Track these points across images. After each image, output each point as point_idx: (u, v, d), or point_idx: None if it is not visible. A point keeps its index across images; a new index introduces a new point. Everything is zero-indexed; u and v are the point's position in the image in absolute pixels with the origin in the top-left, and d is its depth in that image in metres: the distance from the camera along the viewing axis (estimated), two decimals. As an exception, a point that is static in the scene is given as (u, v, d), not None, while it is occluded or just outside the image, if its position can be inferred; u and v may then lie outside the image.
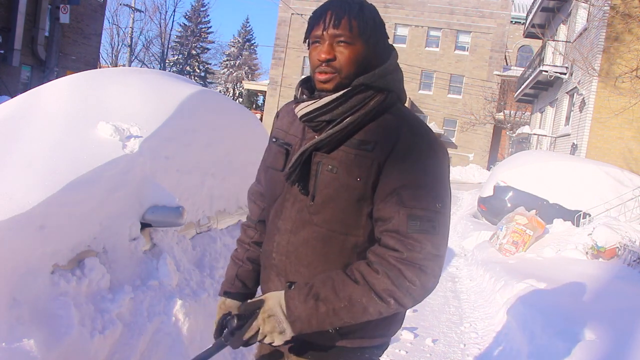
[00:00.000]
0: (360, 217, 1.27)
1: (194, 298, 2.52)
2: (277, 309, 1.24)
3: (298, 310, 1.22)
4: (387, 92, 1.29)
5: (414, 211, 1.20)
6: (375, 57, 1.30)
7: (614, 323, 3.72)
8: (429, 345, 4.04)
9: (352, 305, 1.20)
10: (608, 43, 12.13)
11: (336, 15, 1.26)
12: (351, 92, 1.27)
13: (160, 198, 2.42)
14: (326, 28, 1.26)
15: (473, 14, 31.81)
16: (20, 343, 1.67)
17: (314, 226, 1.30)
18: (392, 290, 1.19)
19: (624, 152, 12.38)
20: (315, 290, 1.23)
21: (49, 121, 2.47)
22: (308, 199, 1.30)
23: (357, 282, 1.21)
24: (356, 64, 1.27)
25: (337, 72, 1.27)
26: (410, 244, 1.20)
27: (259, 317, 1.25)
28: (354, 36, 1.26)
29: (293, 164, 1.30)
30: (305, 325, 1.22)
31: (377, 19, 1.33)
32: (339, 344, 1.34)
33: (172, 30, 42.45)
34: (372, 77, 1.27)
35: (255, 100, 42.50)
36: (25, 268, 1.80)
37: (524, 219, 7.10)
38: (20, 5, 16.16)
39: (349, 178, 1.25)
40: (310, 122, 1.31)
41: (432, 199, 1.22)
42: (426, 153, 1.25)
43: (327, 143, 1.27)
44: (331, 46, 1.26)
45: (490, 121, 30.73)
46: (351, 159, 1.26)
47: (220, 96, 3.78)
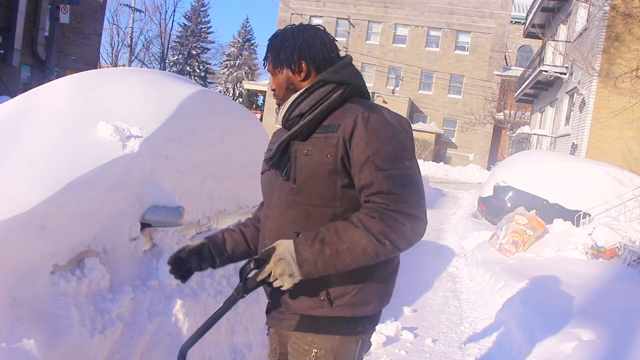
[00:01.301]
0: (335, 189, 1.47)
1: (194, 298, 2.52)
2: (286, 254, 1.40)
3: (306, 252, 1.39)
4: (346, 85, 1.53)
5: (390, 172, 1.41)
6: (309, 74, 1.55)
7: (614, 323, 3.72)
8: (429, 345, 4.04)
9: (354, 246, 1.38)
10: (608, 43, 12.13)
11: (265, 55, 1.60)
12: (311, 88, 1.52)
13: (160, 198, 2.42)
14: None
15: (473, 14, 31.81)
16: (20, 343, 1.68)
17: (297, 205, 1.50)
18: (387, 232, 1.37)
19: (624, 152, 12.38)
20: (321, 235, 1.41)
21: (49, 121, 2.47)
22: (290, 183, 1.51)
23: (357, 227, 1.39)
24: (283, 88, 1.57)
25: (277, 97, 1.60)
26: (395, 197, 1.39)
27: (271, 260, 1.41)
28: (273, 68, 1.58)
29: (274, 152, 1.55)
30: (312, 267, 1.39)
31: (299, 43, 1.55)
32: (332, 314, 1.49)
33: (172, 30, 42.50)
34: (327, 73, 1.53)
35: (255, 100, 42.50)
36: (25, 268, 1.80)
37: (524, 219, 7.10)
38: (20, 5, 16.16)
39: (321, 156, 1.47)
40: (287, 122, 1.55)
41: (400, 160, 1.44)
42: (384, 124, 1.46)
43: (300, 133, 1.51)
44: (272, 79, 1.61)
45: (490, 121, 30.73)
46: (321, 141, 1.48)
47: (220, 96, 3.78)
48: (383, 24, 32.63)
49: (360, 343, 1.56)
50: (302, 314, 1.52)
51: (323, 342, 1.51)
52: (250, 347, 2.94)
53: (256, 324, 3.02)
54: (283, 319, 1.57)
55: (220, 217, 3.29)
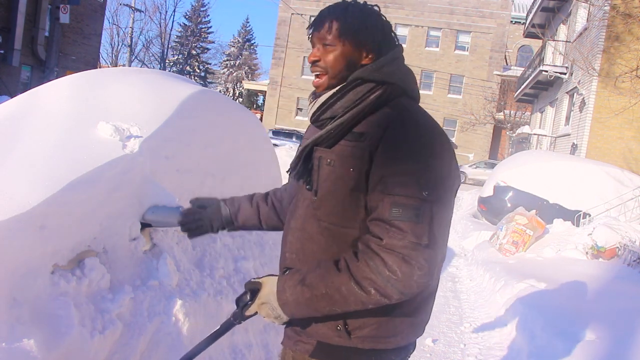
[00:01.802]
0: (357, 209, 1.27)
1: (194, 298, 2.52)
2: (270, 297, 1.31)
3: (286, 294, 1.28)
4: (387, 85, 1.31)
5: (397, 199, 1.18)
6: (366, 55, 1.32)
7: (614, 323, 3.72)
8: (429, 345, 4.04)
9: (333, 292, 1.21)
10: (608, 43, 12.13)
11: (320, 19, 1.33)
12: (347, 86, 1.30)
13: (160, 198, 2.42)
14: (313, 32, 1.35)
15: (473, 14, 31.81)
16: (20, 343, 1.68)
17: (317, 221, 1.32)
18: (372, 279, 1.18)
19: (624, 152, 12.38)
20: (304, 276, 1.27)
21: (49, 121, 2.47)
22: (312, 195, 1.33)
23: (340, 270, 1.22)
24: (342, 63, 1.31)
25: (325, 72, 1.33)
26: (392, 232, 1.17)
27: (255, 302, 1.35)
28: (335, 37, 1.30)
29: (295, 159, 1.36)
30: (295, 309, 1.27)
31: (367, 20, 1.33)
32: (350, 344, 1.31)
33: (172, 30, 42.51)
34: (367, 70, 1.30)
35: (255, 100, 42.52)
36: (25, 268, 1.80)
37: (524, 219, 7.10)
38: (20, 5, 16.17)
39: (343, 169, 1.27)
40: (316, 122, 1.35)
41: (418, 187, 1.18)
42: (415, 141, 1.23)
43: (326, 138, 1.30)
44: (318, 49, 1.33)
45: (490, 121, 30.73)
46: (347, 151, 1.27)
47: (220, 96, 3.78)
48: (383, 24, 32.62)
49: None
50: (320, 340, 1.35)
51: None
52: (250, 347, 2.94)
53: (256, 324, 3.02)
54: (300, 341, 1.40)
55: (220, 217, 3.28)
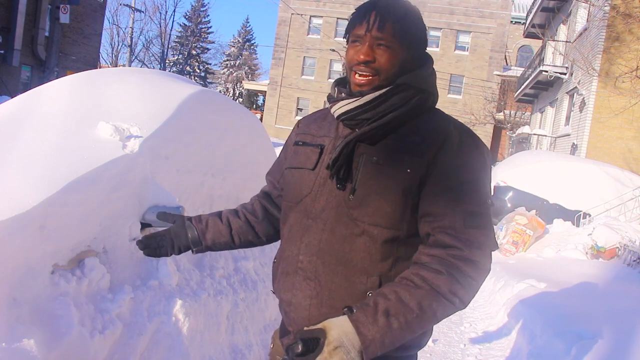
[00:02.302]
0: (405, 209, 1.23)
1: (194, 298, 2.52)
2: (343, 339, 1.14)
3: (371, 332, 1.14)
4: (427, 93, 1.31)
5: (470, 207, 1.20)
6: (413, 62, 1.30)
7: (614, 323, 3.72)
8: (429, 345, 4.04)
9: (424, 312, 1.16)
10: (608, 43, 12.13)
11: (381, 18, 1.26)
12: (393, 90, 1.27)
13: (160, 198, 2.42)
14: (369, 29, 1.26)
15: (473, 14, 31.82)
16: (20, 343, 1.68)
17: (352, 221, 1.25)
18: (456, 289, 1.17)
19: (624, 152, 12.38)
20: (384, 307, 1.16)
21: (49, 121, 2.47)
22: (347, 193, 1.26)
23: (422, 288, 1.16)
24: (396, 67, 1.27)
25: (377, 73, 1.27)
26: (469, 241, 1.18)
27: (324, 350, 1.14)
28: (395, 41, 1.26)
29: (338, 152, 1.26)
30: (379, 347, 1.15)
31: (420, 25, 1.32)
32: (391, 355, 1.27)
33: (172, 30, 42.50)
34: (414, 77, 1.28)
35: (255, 100, 42.52)
36: (25, 268, 1.80)
37: (524, 219, 7.11)
38: (20, 5, 16.16)
39: (397, 169, 1.23)
40: (351, 120, 1.29)
41: (484, 195, 1.23)
42: (475, 151, 1.26)
43: (370, 136, 1.26)
44: (371, 48, 1.26)
45: (490, 121, 30.72)
46: (399, 150, 1.24)
47: (220, 96, 3.78)
48: (383, 24, 32.64)
49: None
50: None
51: None
52: (250, 347, 2.94)
53: (256, 324, 3.02)
54: None
55: (220, 217, 3.28)
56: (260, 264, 3.19)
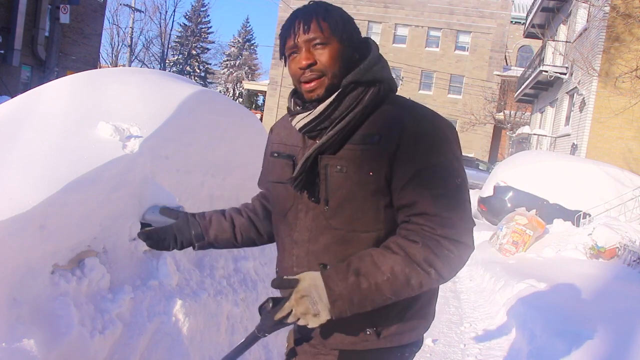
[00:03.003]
0: (378, 210, 1.25)
1: (194, 298, 2.52)
2: (311, 290, 1.20)
3: (339, 288, 1.18)
4: (378, 83, 1.29)
5: (437, 191, 1.21)
6: (354, 52, 1.29)
7: (614, 323, 3.72)
8: (429, 345, 4.04)
9: (395, 277, 1.18)
10: (608, 43, 12.13)
11: (304, 21, 1.27)
12: (342, 93, 1.26)
13: (160, 198, 2.42)
14: (298, 35, 1.27)
15: (473, 14, 31.81)
16: (20, 343, 1.67)
17: (333, 230, 1.28)
18: (432, 259, 1.19)
19: (624, 152, 12.38)
20: (355, 266, 1.20)
21: (49, 121, 2.47)
22: (322, 205, 1.28)
23: (397, 253, 1.19)
24: (339, 62, 1.26)
25: (323, 74, 1.26)
26: (443, 222, 1.20)
27: (291, 297, 1.21)
28: (328, 36, 1.26)
29: (298, 171, 1.28)
30: (347, 304, 1.19)
31: (345, 16, 1.31)
32: (378, 346, 1.31)
33: (172, 30, 42.49)
34: (359, 73, 1.27)
35: (255, 100, 42.50)
36: (25, 268, 1.80)
37: (524, 219, 7.10)
38: (20, 5, 16.16)
39: (361, 174, 1.24)
40: (311, 131, 1.30)
41: (451, 176, 1.23)
42: (435, 135, 1.25)
43: (329, 145, 1.26)
44: (309, 51, 1.26)
45: (490, 121, 30.73)
46: (359, 155, 1.24)
47: (220, 96, 3.78)
48: (383, 24, 32.64)
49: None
50: (343, 349, 1.33)
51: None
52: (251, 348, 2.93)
53: (256, 324, 3.01)
54: (318, 353, 1.36)
55: (220, 217, 3.28)
56: (260, 263, 3.19)
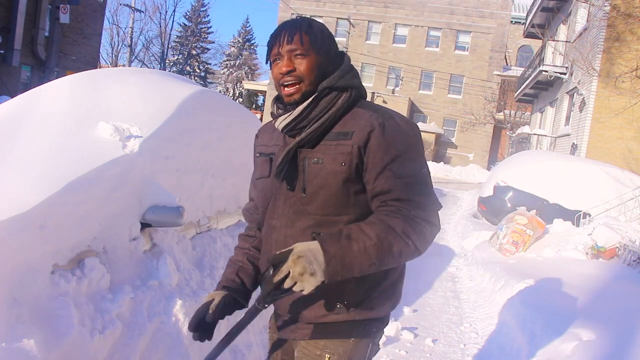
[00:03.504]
0: (348, 196, 1.44)
1: (194, 298, 2.52)
2: (306, 251, 1.32)
3: (333, 248, 1.32)
4: (350, 89, 1.48)
5: (408, 179, 1.41)
6: (330, 64, 1.49)
7: (614, 323, 3.72)
8: (429, 345, 4.04)
9: (381, 242, 1.34)
10: (608, 43, 12.13)
11: (289, 33, 1.46)
12: (318, 96, 1.46)
13: (160, 198, 2.42)
14: (282, 45, 1.46)
15: (473, 14, 31.82)
16: (20, 343, 1.68)
17: (308, 215, 1.46)
18: (410, 232, 1.36)
19: (624, 152, 12.38)
20: (346, 232, 1.36)
21: (49, 121, 2.47)
22: (299, 193, 1.46)
23: (380, 224, 1.36)
24: (315, 71, 1.46)
25: (301, 81, 1.45)
26: (414, 205, 1.39)
27: (289, 259, 1.31)
28: (307, 48, 1.45)
29: (281, 162, 1.47)
30: (339, 265, 1.32)
31: (325, 32, 1.51)
32: (347, 318, 1.47)
33: (172, 30, 42.49)
34: (333, 79, 1.47)
35: (255, 100, 42.51)
36: (25, 268, 1.80)
37: (524, 219, 7.10)
38: (20, 5, 16.17)
39: (334, 165, 1.42)
40: (292, 130, 1.48)
41: (418, 165, 1.44)
42: (402, 131, 1.45)
43: (307, 141, 1.45)
44: (290, 60, 1.45)
45: (490, 121, 30.73)
46: (333, 149, 1.44)
47: (220, 96, 3.79)
48: (383, 24, 32.63)
49: (371, 346, 1.56)
50: (317, 322, 1.49)
51: (336, 347, 1.49)
52: (250, 347, 2.94)
53: (256, 324, 3.02)
54: (296, 329, 1.54)
55: (220, 217, 3.29)
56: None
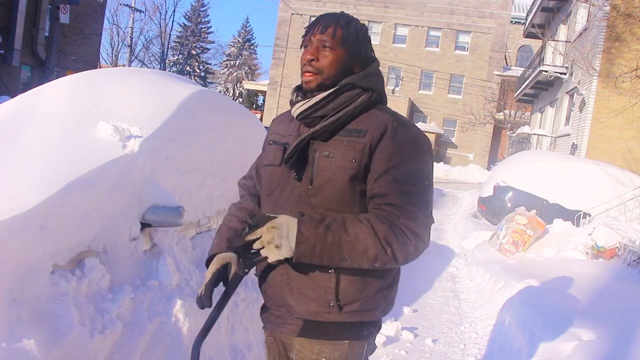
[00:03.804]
0: (354, 194, 1.43)
1: (194, 298, 2.52)
2: (283, 225, 1.34)
3: (308, 232, 1.33)
4: (372, 91, 1.48)
5: (407, 188, 1.39)
6: (355, 64, 1.49)
7: (614, 323, 3.72)
8: (429, 345, 4.04)
9: (357, 242, 1.33)
10: (608, 43, 12.12)
11: (325, 24, 1.47)
12: (339, 90, 1.46)
13: (160, 198, 2.42)
14: (315, 33, 1.47)
15: (473, 14, 31.80)
16: (20, 343, 1.68)
17: (311, 208, 1.44)
18: (391, 240, 1.34)
19: (624, 152, 12.38)
20: (327, 222, 1.36)
21: (49, 121, 2.47)
22: (306, 184, 1.45)
23: (365, 225, 1.35)
24: (336, 67, 1.46)
25: (319, 72, 1.46)
26: (406, 214, 1.37)
27: (264, 226, 1.34)
28: (336, 43, 1.46)
29: (292, 150, 1.46)
30: (309, 249, 1.33)
31: (361, 33, 1.51)
32: (339, 319, 1.45)
33: (172, 30, 42.48)
34: (357, 77, 1.47)
35: (255, 100, 42.50)
36: (25, 268, 1.80)
37: (524, 219, 7.10)
38: (20, 5, 16.16)
39: (344, 161, 1.42)
40: (306, 118, 1.48)
41: (419, 179, 1.42)
42: (413, 140, 1.44)
43: (321, 133, 1.45)
44: (317, 49, 1.46)
45: (490, 121, 30.72)
46: (345, 145, 1.43)
47: (220, 96, 3.79)
48: (383, 24, 32.62)
49: (367, 347, 1.55)
50: (307, 319, 1.47)
51: (331, 351, 1.48)
52: (250, 347, 2.94)
53: (256, 324, 3.02)
54: (284, 323, 1.52)
55: (220, 217, 3.28)
56: (260, 264, 3.18)
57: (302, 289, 1.43)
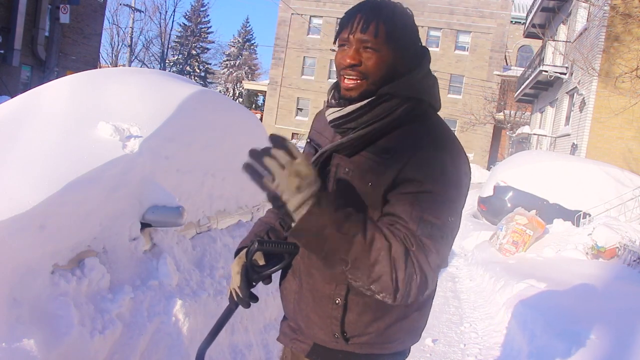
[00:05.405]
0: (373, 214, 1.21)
1: (194, 298, 2.52)
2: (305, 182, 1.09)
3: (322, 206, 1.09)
4: (415, 100, 1.26)
5: (426, 215, 1.15)
6: (404, 63, 1.26)
7: (614, 323, 3.72)
8: (429, 345, 4.04)
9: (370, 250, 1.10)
10: (608, 43, 12.13)
11: (365, 20, 1.22)
12: (376, 101, 1.24)
13: (160, 198, 2.42)
14: (353, 32, 1.23)
15: (473, 14, 31.81)
16: (20, 343, 1.68)
17: None
18: (399, 266, 1.11)
19: (624, 152, 12.38)
20: (348, 211, 1.12)
21: (49, 121, 2.47)
22: None
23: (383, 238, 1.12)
24: (383, 70, 1.24)
25: (365, 77, 1.24)
26: (420, 245, 1.14)
27: (287, 169, 1.09)
28: (381, 42, 1.22)
29: (313, 160, 1.31)
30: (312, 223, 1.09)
31: (409, 24, 1.27)
32: (347, 349, 1.31)
33: (172, 30, 42.50)
34: (397, 86, 1.24)
35: (255, 100, 42.52)
36: (25, 268, 1.80)
37: (524, 219, 7.10)
38: (20, 5, 16.16)
39: (360, 182, 1.23)
40: (338, 127, 1.30)
41: (446, 211, 1.18)
42: (445, 169, 1.20)
43: (347, 147, 1.26)
44: (357, 51, 1.23)
45: (490, 121, 30.72)
46: (368, 164, 1.23)
47: (220, 96, 3.79)
48: (383, 24, 32.64)
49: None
50: (317, 343, 1.35)
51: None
52: (250, 347, 2.94)
53: (256, 324, 3.02)
54: (296, 339, 1.41)
55: (220, 217, 3.29)
56: (260, 264, 3.18)
57: (309, 313, 1.32)
